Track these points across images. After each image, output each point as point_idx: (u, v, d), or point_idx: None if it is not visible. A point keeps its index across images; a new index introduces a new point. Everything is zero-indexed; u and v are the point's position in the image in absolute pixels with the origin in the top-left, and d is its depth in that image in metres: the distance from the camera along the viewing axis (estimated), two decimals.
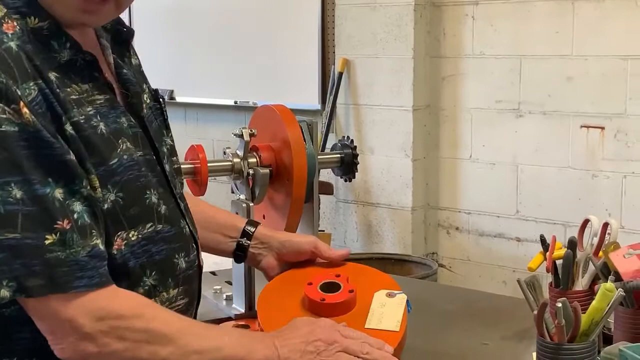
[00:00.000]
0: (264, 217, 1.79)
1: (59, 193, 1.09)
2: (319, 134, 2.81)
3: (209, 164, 1.68)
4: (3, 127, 1.06)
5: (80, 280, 1.09)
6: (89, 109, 1.17)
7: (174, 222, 1.26)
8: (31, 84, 1.09)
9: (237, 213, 1.71)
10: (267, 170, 1.70)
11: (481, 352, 1.49)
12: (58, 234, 1.08)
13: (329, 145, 3.82)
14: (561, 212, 3.47)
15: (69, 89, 1.15)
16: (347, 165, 1.85)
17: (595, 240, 1.50)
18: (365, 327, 1.37)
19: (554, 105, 3.48)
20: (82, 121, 1.14)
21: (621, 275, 1.38)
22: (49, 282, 1.07)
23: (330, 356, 1.25)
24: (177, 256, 1.26)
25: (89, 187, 1.13)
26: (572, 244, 1.48)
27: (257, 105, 3.02)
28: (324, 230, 3.98)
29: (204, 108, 4.71)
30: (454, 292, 2.22)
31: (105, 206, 1.15)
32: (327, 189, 3.78)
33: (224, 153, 1.73)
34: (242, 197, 1.72)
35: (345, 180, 1.90)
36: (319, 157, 1.76)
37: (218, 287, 1.76)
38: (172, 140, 1.37)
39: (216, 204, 4.26)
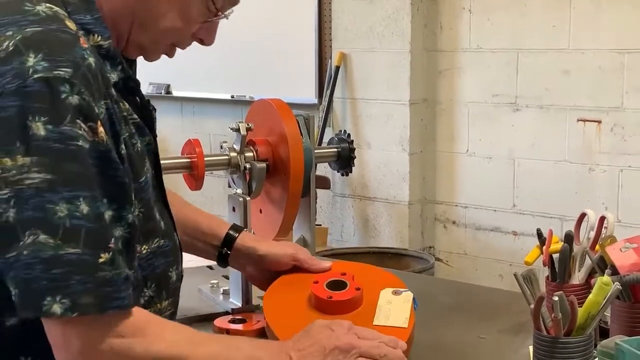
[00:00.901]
0: (260, 211, 1.79)
1: (110, 214, 1.10)
2: (315, 128, 2.81)
3: (205, 158, 1.68)
4: (80, 142, 1.06)
5: (116, 301, 1.08)
6: (131, 127, 1.19)
7: (170, 236, 1.27)
8: (102, 103, 1.10)
9: (233, 208, 1.70)
10: (263, 165, 1.69)
11: (478, 345, 1.49)
12: (110, 253, 1.07)
13: (325, 139, 3.82)
14: (558, 205, 3.47)
15: (118, 108, 1.16)
16: (344, 160, 1.85)
17: (592, 234, 1.50)
18: (374, 324, 1.37)
19: (550, 99, 3.49)
20: (128, 139, 1.16)
21: (618, 268, 1.39)
22: (96, 302, 1.06)
23: None
24: (171, 269, 1.26)
25: (135, 213, 1.14)
26: (569, 238, 1.48)
27: (254, 100, 3.02)
28: (320, 225, 3.98)
29: (200, 102, 4.70)
30: (451, 285, 2.22)
31: (131, 221, 1.15)
32: (324, 183, 3.78)
33: (221, 147, 1.73)
34: (239, 191, 1.72)
35: (342, 175, 1.90)
36: (315, 151, 1.76)
37: (215, 281, 1.76)
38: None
39: (213, 198, 4.25)
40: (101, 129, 1.08)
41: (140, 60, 1.36)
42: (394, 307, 1.39)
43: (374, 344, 1.26)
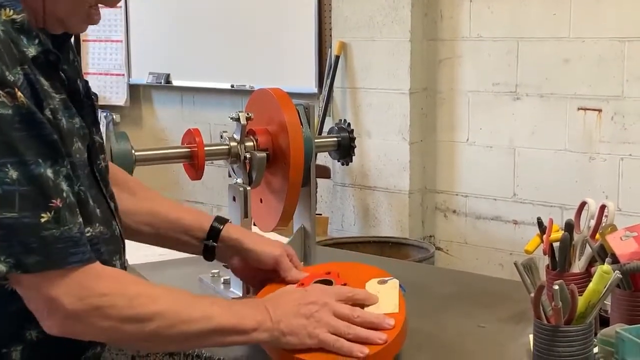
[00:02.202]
0: (261, 200, 1.79)
1: (49, 172, 1.12)
2: (315, 117, 2.81)
3: (205, 148, 1.68)
4: None
5: (74, 256, 1.12)
6: (55, 103, 1.18)
7: (108, 225, 1.26)
8: (18, 69, 1.11)
9: (234, 198, 1.70)
10: (264, 154, 1.69)
11: (478, 334, 1.49)
12: (53, 212, 1.10)
13: (325, 128, 3.81)
14: (558, 194, 3.47)
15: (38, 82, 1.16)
16: (344, 149, 1.85)
17: (592, 222, 1.50)
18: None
19: (551, 88, 3.48)
20: (54, 111, 1.16)
21: (618, 257, 1.39)
22: (46, 259, 1.10)
23: (322, 319, 1.27)
24: (114, 258, 1.27)
25: (69, 167, 1.15)
26: (569, 227, 1.48)
27: (254, 89, 3.01)
28: (321, 214, 3.98)
29: (200, 92, 4.70)
30: (451, 275, 2.22)
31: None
32: (324, 172, 3.78)
33: (221, 137, 1.73)
34: (239, 181, 1.72)
35: (343, 164, 1.89)
36: (316, 140, 1.76)
37: (216, 271, 1.76)
38: (101, 138, 1.36)
39: (213, 187, 4.26)
40: (19, 93, 1.09)
41: (140, 50, 1.35)
42: (382, 295, 1.40)
43: (347, 306, 1.30)
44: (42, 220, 1.09)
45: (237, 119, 1.68)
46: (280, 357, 1.31)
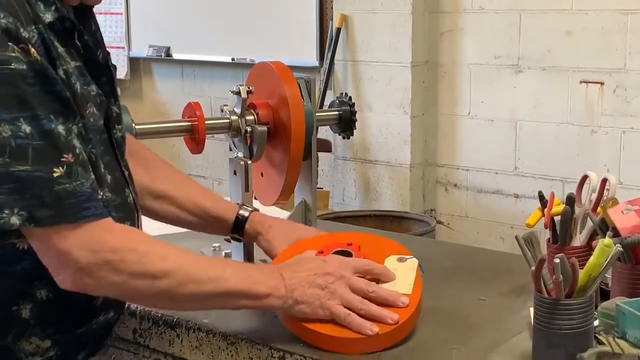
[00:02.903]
0: (262, 174, 1.79)
1: (61, 129, 1.13)
2: (316, 91, 2.80)
3: (206, 122, 1.68)
4: (12, 65, 1.09)
5: (87, 210, 1.14)
6: (69, 67, 1.19)
7: (119, 192, 1.28)
8: (33, 27, 1.13)
9: (235, 172, 1.70)
10: (264, 128, 1.69)
11: (478, 307, 1.50)
12: (65, 167, 1.12)
13: (326, 102, 3.80)
14: (560, 168, 3.47)
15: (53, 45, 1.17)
16: (345, 123, 1.85)
17: (594, 196, 1.50)
18: None
19: (553, 61, 3.46)
20: (67, 73, 1.18)
21: (619, 230, 1.39)
22: (58, 213, 1.12)
23: (337, 291, 1.27)
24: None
25: (81, 126, 1.17)
26: (571, 200, 1.48)
27: (255, 62, 3.00)
28: (322, 188, 3.98)
29: (201, 65, 4.68)
30: (452, 248, 2.22)
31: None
32: (325, 146, 3.78)
33: (222, 110, 1.72)
34: (240, 154, 1.71)
35: (344, 138, 1.89)
36: (317, 114, 1.75)
37: (217, 244, 1.76)
38: (119, 108, 1.38)
39: (214, 161, 4.25)
40: (33, 50, 1.11)
41: (140, 23, 1.35)
42: (399, 274, 1.39)
43: (363, 280, 1.31)
44: (55, 174, 1.11)
45: (238, 93, 1.68)
46: (292, 326, 1.32)
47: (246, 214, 1.56)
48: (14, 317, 1.19)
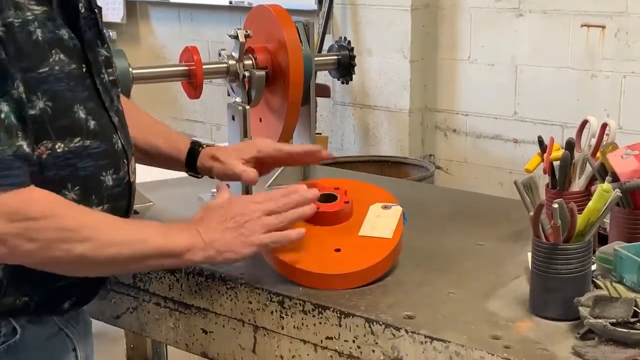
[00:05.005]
0: (260, 120, 1.78)
1: None
2: (315, 35, 2.77)
3: (204, 66, 1.66)
4: None
5: (5, 178, 1.10)
6: (27, 14, 1.15)
7: (104, 138, 1.25)
8: None
9: (233, 117, 1.69)
10: (263, 73, 1.67)
11: (476, 252, 1.51)
12: None
13: (325, 46, 3.77)
14: (559, 113, 3.45)
15: None
16: (344, 67, 1.83)
17: (593, 141, 1.50)
18: (359, 234, 1.40)
19: (554, 4, 3.42)
20: (16, 24, 1.13)
21: (618, 175, 1.39)
22: None
23: (252, 224, 1.28)
24: (104, 173, 1.25)
25: (20, 89, 1.13)
26: (570, 145, 1.48)
27: (252, 6, 2.96)
28: (321, 133, 3.97)
29: (198, 8, 4.62)
30: (451, 193, 2.23)
31: (32, 112, 1.15)
32: (324, 91, 3.75)
33: (219, 55, 1.71)
34: (238, 99, 1.70)
35: (343, 83, 1.88)
36: (315, 58, 1.74)
37: (215, 190, 1.76)
38: (109, 52, 1.35)
39: (213, 107, 4.22)
40: None
41: None
42: (382, 220, 1.42)
43: (272, 201, 1.31)
44: None
45: (236, 37, 1.66)
46: (278, 266, 1.37)
47: (197, 149, 1.56)
48: None
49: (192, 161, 1.56)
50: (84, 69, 1.24)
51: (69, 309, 1.29)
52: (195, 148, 1.56)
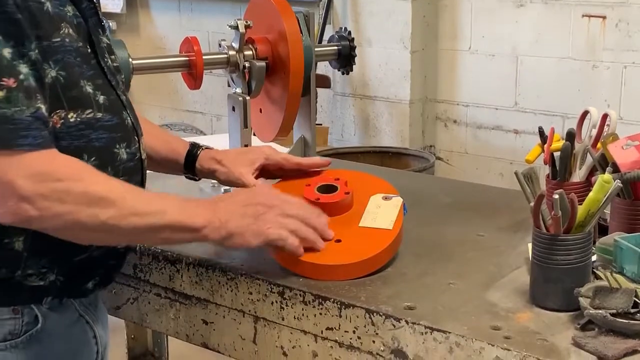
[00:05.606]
0: (260, 110, 1.78)
1: (7, 52, 1.10)
2: (315, 25, 2.76)
3: (204, 57, 1.66)
4: None
5: (24, 139, 1.11)
6: None
7: (114, 112, 1.26)
8: None
9: (233, 108, 1.69)
10: (263, 63, 1.67)
11: (477, 242, 1.51)
12: (4, 91, 1.09)
13: (326, 37, 3.76)
14: (560, 103, 3.45)
15: None
16: (345, 58, 1.83)
17: (594, 131, 1.50)
18: (359, 225, 1.40)
19: None
20: None
21: (619, 166, 1.38)
22: None
23: (270, 217, 1.29)
24: (117, 146, 1.26)
25: (37, 52, 1.14)
26: (571, 136, 1.48)
27: None
28: (321, 124, 3.97)
29: None
30: (451, 184, 2.23)
31: (46, 80, 1.16)
32: (324, 82, 3.75)
33: (219, 45, 1.70)
34: (239, 90, 1.70)
35: (343, 73, 1.87)
36: (316, 49, 1.73)
37: (216, 181, 1.76)
38: (109, 40, 1.36)
39: (213, 97, 4.22)
40: None
41: None
42: (382, 211, 1.42)
43: (294, 206, 1.33)
44: None
45: (236, 27, 1.66)
46: (277, 256, 1.36)
47: (195, 152, 1.55)
48: (8, 250, 1.19)
49: (190, 163, 1.55)
50: (88, 50, 1.25)
51: (93, 289, 1.31)
52: (194, 150, 1.56)
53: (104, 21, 1.36)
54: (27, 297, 1.23)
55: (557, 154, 1.49)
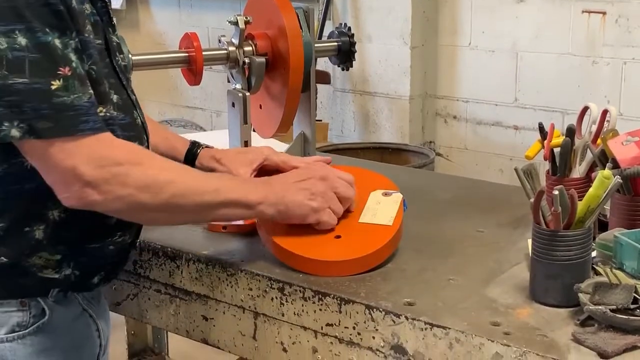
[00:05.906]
0: (260, 106, 1.78)
1: (58, 42, 1.14)
2: (315, 21, 2.76)
3: (204, 53, 1.66)
4: None
5: (85, 124, 1.14)
6: None
7: (127, 111, 1.28)
8: None
9: (233, 104, 1.69)
10: (263, 59, 1.67)
11: (477, 238, 1.51)
12: (62, 80, 1.13)
13: (325, 33, 3.76)
14: (560, 99, 3.45)
15: None
16: (345, 54, 1.83)
17: (594, 127, 1.50)
18: (359, 221, 1.40)
19: None
20: None
21: (619, 162, 1.38)
22: (57, 125, 1.12)
23: (325, 194, 1.35)
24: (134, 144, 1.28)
25: (78, 42, 1.17)
26: (571, 132, 1.48)
27: None
28: (321, 120, 3.97)
29: None
30: (451, 180, 2.23)
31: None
32: (324, 78, 3.74)
33: (219, 41, 1.70)
34: (238, 86, 1.70)
35: (343, 69, 1.87)
36: (315, 45, 1.73)
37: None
38: (118, 39, 1.37)
39: (213, 93, 4.22)
40: None
41: None
42: (382, 207, 1.42)
43: (344, 185, 1.39)
44: (53, 87, 1.12)
45: (236, 23, 1.65)
46: (277, 252, 1.36)
47: (195, 150, 1.57)
48: (27, 238, 1.21)
49: (190, 161, 1.56)
50: (104, 47, 1.27)
51: (97, 284, 1.32)
52: (194, 148, 1.57)
53: (115, 20, 1.37)
54: (36, 289, 1.24)
55: (557, 150, 1.49)
